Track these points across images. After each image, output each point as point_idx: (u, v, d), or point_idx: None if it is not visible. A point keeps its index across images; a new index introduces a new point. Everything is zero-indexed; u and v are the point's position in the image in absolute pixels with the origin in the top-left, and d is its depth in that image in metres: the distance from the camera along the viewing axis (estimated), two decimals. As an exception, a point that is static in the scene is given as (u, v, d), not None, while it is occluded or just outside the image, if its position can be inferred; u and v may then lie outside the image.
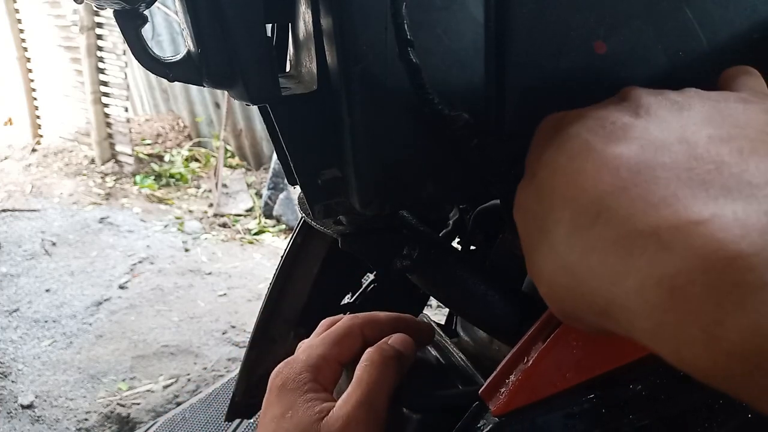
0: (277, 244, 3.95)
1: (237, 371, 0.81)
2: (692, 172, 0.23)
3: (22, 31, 5.06)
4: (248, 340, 0.78)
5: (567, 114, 0.31)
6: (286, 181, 0.48)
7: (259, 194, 4.54)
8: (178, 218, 4.25)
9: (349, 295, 0.80)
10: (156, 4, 0.35)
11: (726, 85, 0.33)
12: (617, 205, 0.24)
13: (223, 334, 2.84)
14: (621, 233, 0.23)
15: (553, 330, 0.36)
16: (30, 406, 2.37)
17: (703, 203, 0.22)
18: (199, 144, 5.23)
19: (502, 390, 0.37)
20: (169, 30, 4.80)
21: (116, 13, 0.35)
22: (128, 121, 4.79)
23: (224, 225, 4.22)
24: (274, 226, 4.18)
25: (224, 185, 4.57)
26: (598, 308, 0.25)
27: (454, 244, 0.64)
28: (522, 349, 0.37)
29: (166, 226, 4.11)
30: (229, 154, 4.98)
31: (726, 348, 0.19)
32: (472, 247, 0.62)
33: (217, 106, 4.94)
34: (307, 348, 0.49)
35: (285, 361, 0.49)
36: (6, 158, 5.11)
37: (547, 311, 0.38)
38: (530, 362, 0.36)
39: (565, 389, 0.36)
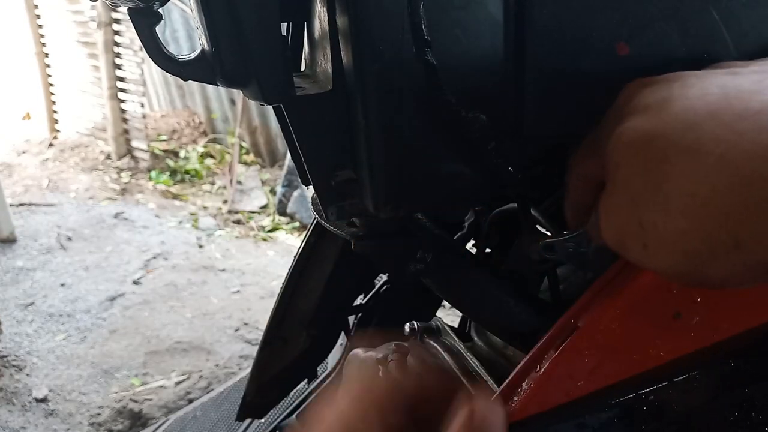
0: (291, 241, 3.96)
1: (249, 369, 0.81)
2: None
3: (40, 26, 5.10)
4: (260, 339, 0.77)
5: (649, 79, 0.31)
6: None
7: (273, 191, 4.55)
8: (192, 214, 4.26)
9: (362, 296, 0.80)
10: (172, 0, 0.34)
11: None
12: None
13: (236, 331, 2.85)
14: None
15: (566, 338, 0.36)
16: (44, 400, 2.39)
17: None
18: (214, 140, 5.24)
19: (514, 398, 0.36)
20: (186, 26, 4.81)
21: (130, 11, 0.34)
22: (144, 116, 4.82)
23: (238, 222, 4.23)
24: (288, 224, 4.18)
25: (239, 182, 4.58)
26: None
27: (469, 247, 0.63)
28: (534, 357, 0.37)
29: (180, 222, 4.13)
30: (243, 151, 4.99)
31: None
32: (488, 250, 0.61)
33: (233, 102, 4.96)
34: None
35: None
36: (23, 152, 5.16)
37: (561, 319, 0.37)
38: (542, 370, 0.35)
39: (577, 398, 0.35)
